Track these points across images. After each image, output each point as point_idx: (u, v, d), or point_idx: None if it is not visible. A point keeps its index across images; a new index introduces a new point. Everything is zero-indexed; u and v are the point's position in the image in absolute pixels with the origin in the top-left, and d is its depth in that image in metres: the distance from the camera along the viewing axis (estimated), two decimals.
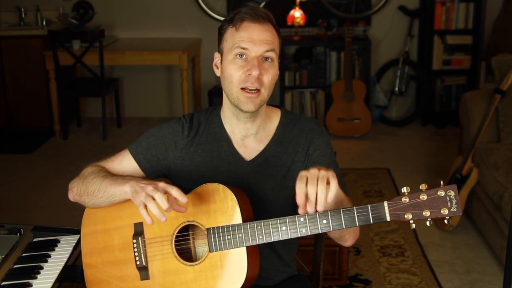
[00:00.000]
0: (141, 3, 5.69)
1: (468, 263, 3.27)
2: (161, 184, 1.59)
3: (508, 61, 3.61)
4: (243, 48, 1.68)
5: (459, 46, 5.35)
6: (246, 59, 1.69)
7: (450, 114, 5.42)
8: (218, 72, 1.79)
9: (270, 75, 1.70)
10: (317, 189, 1.51)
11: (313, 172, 1.53)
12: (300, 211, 1.54)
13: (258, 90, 1.69)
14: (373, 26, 5.59)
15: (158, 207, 1.55)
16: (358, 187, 4.24)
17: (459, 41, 5.33)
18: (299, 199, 1.52)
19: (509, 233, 1.86)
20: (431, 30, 5.31)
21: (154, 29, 5.70)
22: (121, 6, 5.70)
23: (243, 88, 1.69)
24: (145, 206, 1.57)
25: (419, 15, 5.48)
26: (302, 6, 5.44)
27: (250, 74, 1.67)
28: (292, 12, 5.41)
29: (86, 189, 1.76)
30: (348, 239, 1.79)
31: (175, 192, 1.57)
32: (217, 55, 1.79)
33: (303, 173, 1.53)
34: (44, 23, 5.48)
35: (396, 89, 5.48)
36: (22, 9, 5.56)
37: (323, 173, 1.52)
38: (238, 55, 1.69)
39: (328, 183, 1.52)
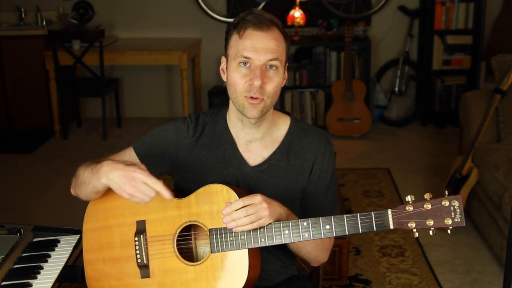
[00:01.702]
0: (141, 3, 5.69)
1: (468, 263, 3.27)
2: (139, 176, 1.59)
3: (508, 61, 3.61)
4: (246, 57, 1.67)
5: (459, 46, 5.35)
6: (249, 68, 1.68)
7: (450, 114, 5.42)
8: (224, 77, 1.77)
9: (273, 84, 1.69)
10: (242, 218, 1.58)
11: (257, 207, 1.58)
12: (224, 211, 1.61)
13: (260, 99, 1.68)
14: (373, 26, 5.59)
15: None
16: (358, 187, 4.24)
17: (459, 41, 5.33)
18: (227, 210, 1.59)
19: (509, 233, 1.86)
20: (431, 30, 5.31)
21: (154, 29, 5.70)
22: (121, 6, 5.70)
23: (246, 96, 1.68)
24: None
25: (419, 15, 5.48)
26: (302, 6, 5.44)
27: (252, 84, 1.66)
28: (292, 12, 5.42)
29: (77, 181, 1.77)
30: (312, 262, 1.84)
31: (160, 187, 1.58)
32: (223, 60, 1.78)
33: (256, 198, 1.59)
34: (44, 23, 5.48)
35: (396, 89, 5.48)
36: (22, 9, 5.55)
37: (261, 215, 1.59)
38: (241, 64, 1.68)
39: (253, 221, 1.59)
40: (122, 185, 1.61)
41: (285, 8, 5.44)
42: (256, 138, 1.79)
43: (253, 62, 1.67)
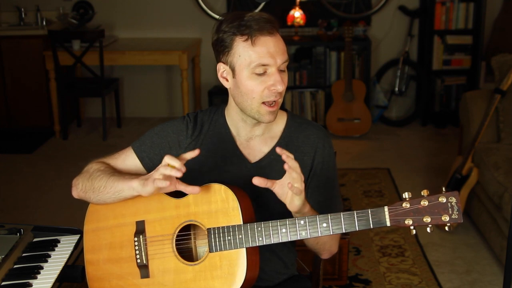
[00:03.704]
0: (141, 3, 5.69)
1: (468, 263, 3.27)
2: (162, 165, 1.61)
3: (508, 61, 3.61)
4: (264, 65, 1.66)
5: (459, 46, 5.35)
6: (265, 73, 1.68)
7: (450, 114, 5.43)
8: (227, 84, 1.75)
9: (285, 85, 1.72)
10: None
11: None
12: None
13: (277, 103, 1.71)
14: (373, 26, 5.59)
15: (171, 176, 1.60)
16: (358, 187, 4.24)
17: (459, 41, 5.33)
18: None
19: (509, 233, 1.86)
20: (431, 30, 5.31)
21: (154, 29, 5.71)
22: (121, 6, 5.70)
23: (263, 102, 1.69)
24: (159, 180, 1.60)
25: (419, 15, 5.48)
26: (302, 6, 5.44)
27: (275, 89, 1.68)
28: (292, 12, 5.42)
29: (92, 186, 1.77)
30: (323, 254, 1.85)
31: (177, 164, 1.59)
32: (223, 67, 1.74)
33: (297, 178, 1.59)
34: (44, 23, 5.48)
35: (396, 89, 5.48)
36: (22, 9, 5.56)
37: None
38: (258, 71, 1.67)
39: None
40: (147, 177, 1.63)
41: (285, 8, 5.44)
42: (256, 135, 1.80)
43: (269, 68, 1.67)
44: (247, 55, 1.67)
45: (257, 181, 1.58)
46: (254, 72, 1.67)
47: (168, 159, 1.59)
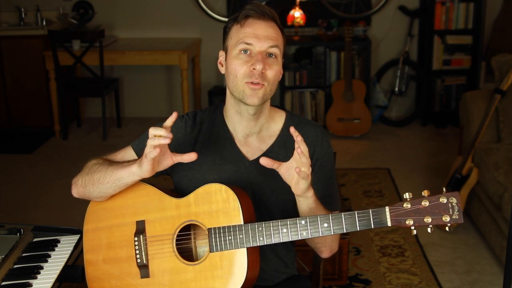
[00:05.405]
0: (141, 3, 5.69)
1: (468, 263, 3.27)
2: (149, 138, 1.60)
3: (508, 61, 3.61)
4: (247, 44, 1.69)
5: (459, 46, 5.35)
6: (250, 55, 1.70)
7: (450, 114, 5.43)
8: (222, 70, 1.80)
9: (273, 71, 1.71)
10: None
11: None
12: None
13: (261, 84, 1.70)
14: (373, 26, 5.59)
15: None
16: (358, 187, 4.24)
17: (459, 41, 5.33)
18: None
19: (509, 233, 1.87)
20: (431, 30, 5.32)
21: (154, 29, 5.71)
22: (121, 6, 5.70)
23: (247, 82, 1.70)
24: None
25: (419, 15, 5.48)
26: (302, 6, 5.44)
27: (254, 69, 1.68)
28: (292, 12, 5.42)
29: (91, 178, 1.75)
30: (324, 252, 1.84)
31: (162, 132, 1.59)
32: (221, 53, 1.80)
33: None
34: (44, 23, 5.48)
35: (396, 89, 5.48)
36: (22, 9, 5.56)
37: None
38: (242, 51, 1.70)
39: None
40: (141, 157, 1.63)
41: (285, 8, 5.44)
42: (254, 132, 1.80)
43: (253, 49, 1.70)
44: (236, 36, 1.72)
45: (264, 161, 1.60)
46: (239, 50, 1.70)
47: (152, 130, 1.59)
